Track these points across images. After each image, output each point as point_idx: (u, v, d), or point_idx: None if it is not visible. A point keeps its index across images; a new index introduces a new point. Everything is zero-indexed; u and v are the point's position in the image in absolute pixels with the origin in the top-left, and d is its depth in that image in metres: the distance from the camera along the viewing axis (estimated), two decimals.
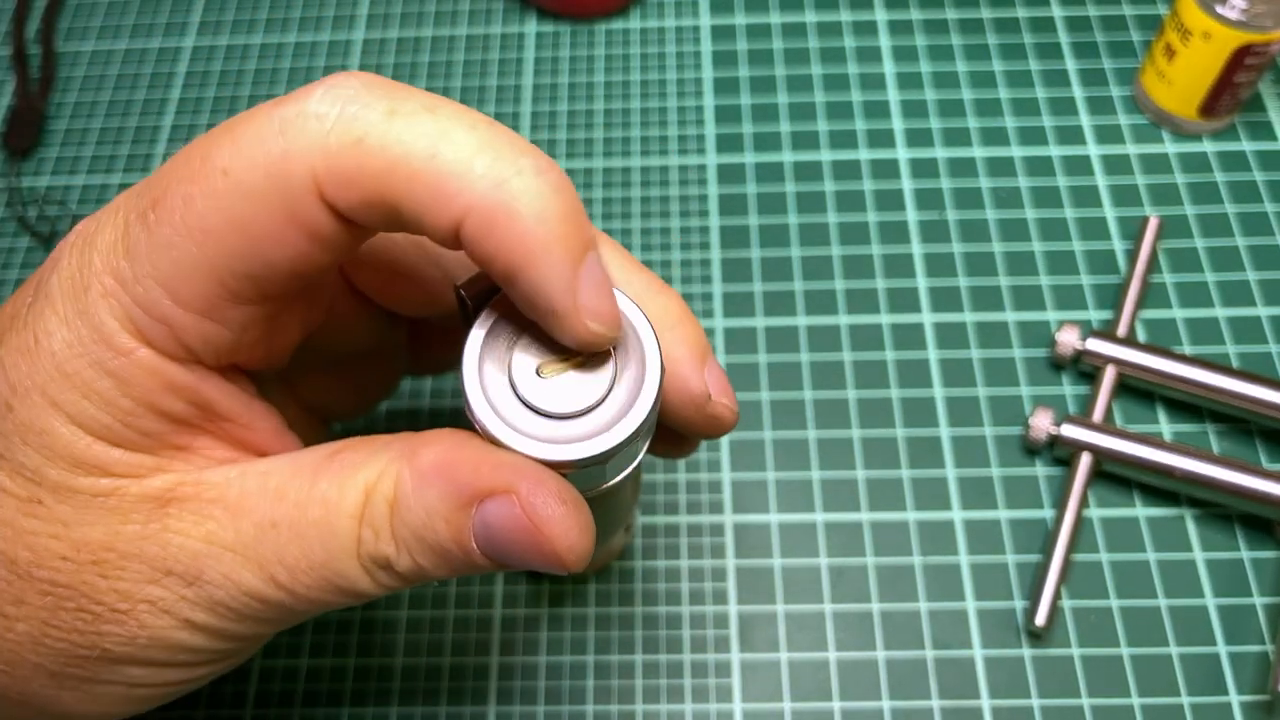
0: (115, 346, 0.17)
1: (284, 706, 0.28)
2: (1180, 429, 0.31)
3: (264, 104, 0.17)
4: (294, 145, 0.16)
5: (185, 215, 0.17)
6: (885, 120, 0.38)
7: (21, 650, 0.19)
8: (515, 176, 0.16)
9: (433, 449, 0.18)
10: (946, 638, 0.28)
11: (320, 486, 0.18)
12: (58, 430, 0.18)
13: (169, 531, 0.18)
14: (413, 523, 0.18)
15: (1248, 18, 0.32)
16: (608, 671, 0.28)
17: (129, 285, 0.17)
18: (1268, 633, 0.28)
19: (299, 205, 0.16)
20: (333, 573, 0.19)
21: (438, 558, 0.18)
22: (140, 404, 0.18)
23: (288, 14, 0.42)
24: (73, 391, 0.18)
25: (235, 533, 0.18)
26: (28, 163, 0.39)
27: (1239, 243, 0.34)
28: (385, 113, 0.16)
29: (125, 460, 0.18)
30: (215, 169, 0.16)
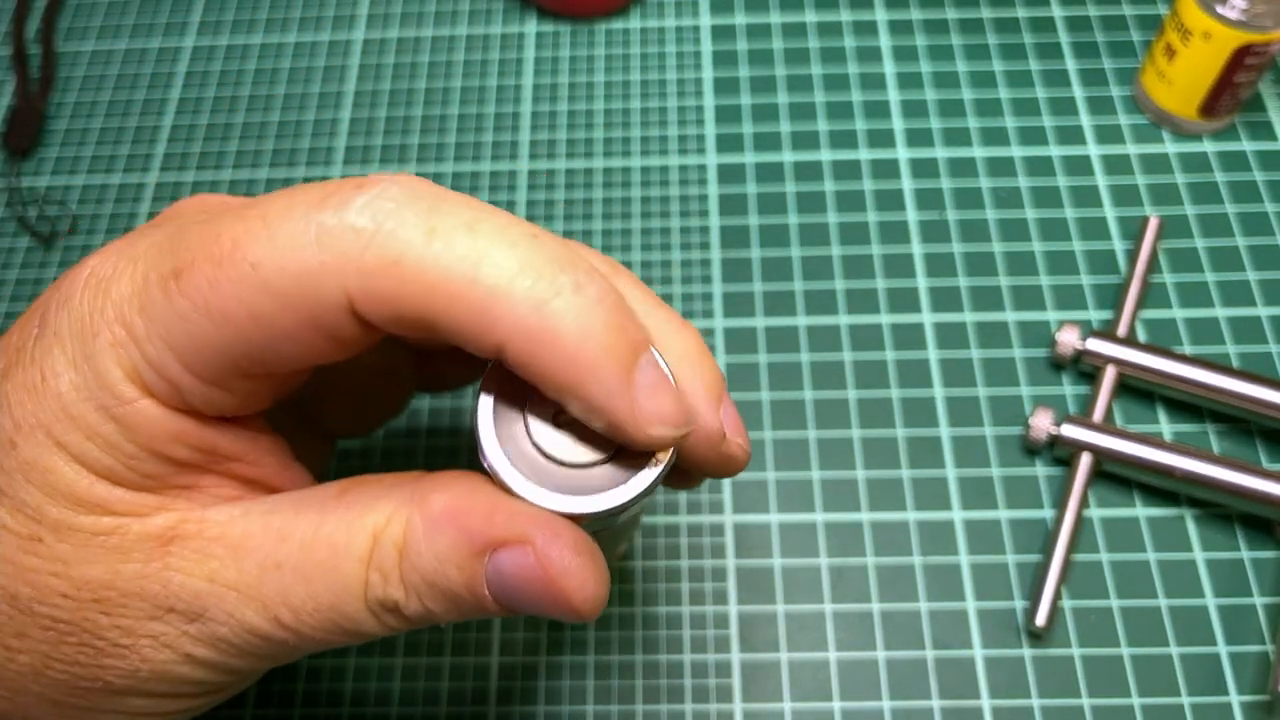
0: (117, 395, 0.17)
1: (284, 707, 0.28)
2: (1180, 429, 0.31)
3: (304, 195, 0.17)
4: (329, 259, 0.16)
5: (209, 297, 0.16)
6: (885, 120, 0.38)
7: (24, 680, 0.19)
8: (555, 298, 0.16)
9: (443, 494, 0.18)
10: (947, 638, 0.28)
11: (326, 529, 0.18)
12: (60, 469, 0.18)
13: (170, 570, 0.18)
14: (423, 569, 0.18)
15: (1248, 17, 0.32)
16: (608, 671, 0.28)
17: (140, 342, 0.17)
18: (1268, 633, 0.28)
19: (326, 315, 0.16)
20: (339, 615, 0.18)
21: (448, 603, 0.18)
22: (144, 449, 0.18)
23: (288, 14, 0.42)
24: (77, 433, 0.17)
25: (238, 572, 0.18)
26: (28, 162, 0.39)
27: (1239, 243, 0.34)
28: (425, 232, 0.16)
29: (127, 499, 0.18)
30: (244, 260, 0.16)
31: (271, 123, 0.40)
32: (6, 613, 0.18)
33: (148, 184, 0.38)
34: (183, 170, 0.39)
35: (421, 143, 0.39)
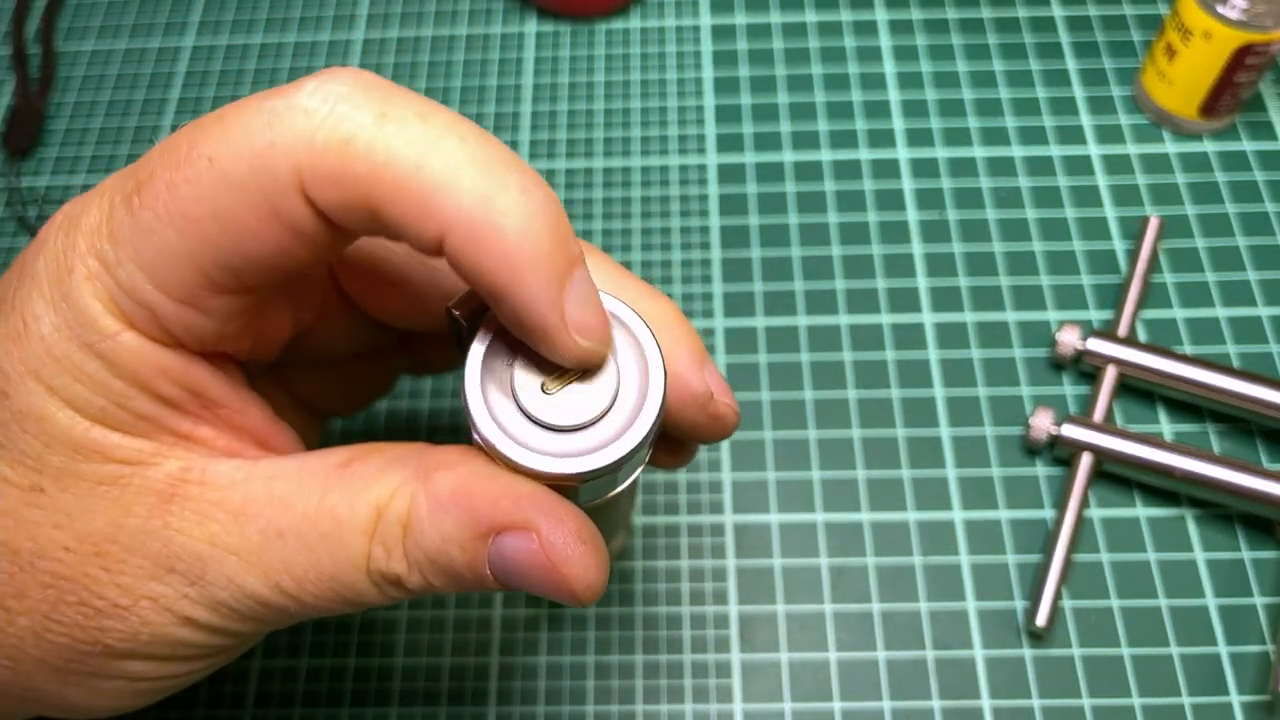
0: (99, 329, 0.17)
1: (284, 706, 0.28)
2: (1181, 429, 0.31)
3: (257, 94, 0.17)
4: (280, 138, 0.16)
5: (168, 202, 0.16)
6: (885, 120, 0.38)
7: (24, 645, 0.19)
8: (502, 193, 0.16)
9: (449, 474, 0.18)
10: (947, 638, 0.28)
11: (330, 499, 0.18)
12: (54, 415, 0.17)
13: (171, 529, 0.18)
14: (427, 546, 0.18)
15: (1248, 17, 0.32)
16: (608, 671, 0.28)
17: (112, 268, 0.17)
18: (1268, 633, 0.28)
19: (281, 199, 0.16)
20: (340, 584, 0.19)
21: (449, 579, 0.18)
22: (131, 385, 0.18)
23: (287, 14, 0.42)
24: (64, 375, 0.17)
25: (240, 538, 0.18)
26: (27, 162, 0.39)
27: (1239, 243, 0.34)
28: (376, 115, 0.16)
29: (125, 445, 0.18)
30: (201, 156, 0.16)
31: None
32: (7, 570, 0.18)
33: None
34: None
35: None
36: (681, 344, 0.19)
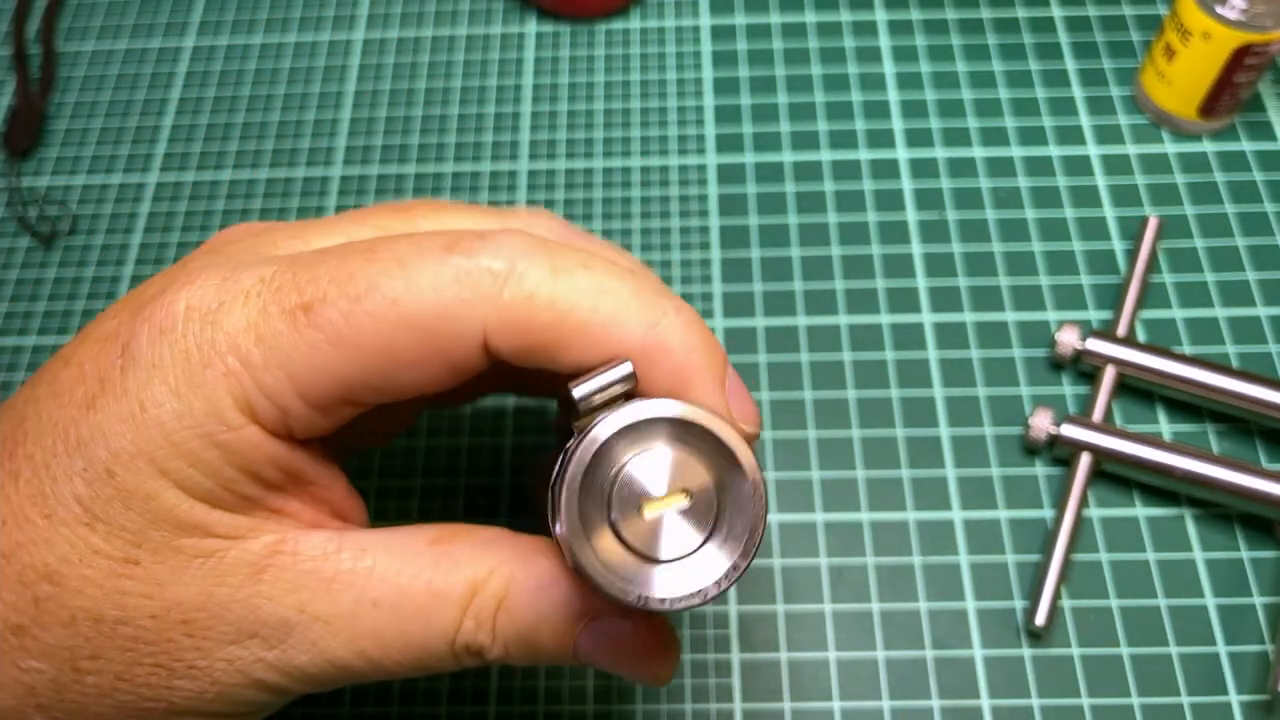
0: (226, 422, 0.18)
1: (283, 706, 0.28)
2: (1180, 429, 0.31)
3: (429, 240, 0.19)
4: (469, 297, 0.18)
5: (342, 329, 0.18)
6: (885, 120, 0.38)
7: (85, 701, 0.19)
8: (663, 318, 0.19)
9: (549, 561, 0.20)
10: (946, 637, 0.28)
11: (425, 575, 0.20)
12: (162, 495, 0.18)
13: (260, 597, 0.19)
14: (520, 624, 0.20)
15: (1247, 18, 0.32)
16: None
17: (255, 371, 0.18)
18: (1267, 632, 0.28)
19: (459, 348, 0.18)
20: (424, 653, 0.20)
21: (530, 653, 0.20)
22: (242, 472, 0.19)
23: (288, 14, 0.42)
24: (178, 460, 0.18)
25: (331, 605, 0.19)
26: (28, 162, 0.39)
27: (1239, 243, 0.34)
28: (550, 270, 0.18)
29: (225, 521, 0.19)
30: (384, 298, 0.18)
31: (271, 123, 0.40)
32: (86, 635, 0.19)
33: (148, 184, 0.38)
34: (183, 170, 0.39)
35: (421, 143, 0.39)
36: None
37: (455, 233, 0.19)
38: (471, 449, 0.32)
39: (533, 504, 0.24)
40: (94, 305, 0.36)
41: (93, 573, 0.19)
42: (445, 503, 0.31)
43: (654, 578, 0.17)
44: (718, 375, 0.19)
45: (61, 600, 0.19)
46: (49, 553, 0.19)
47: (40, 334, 0.35)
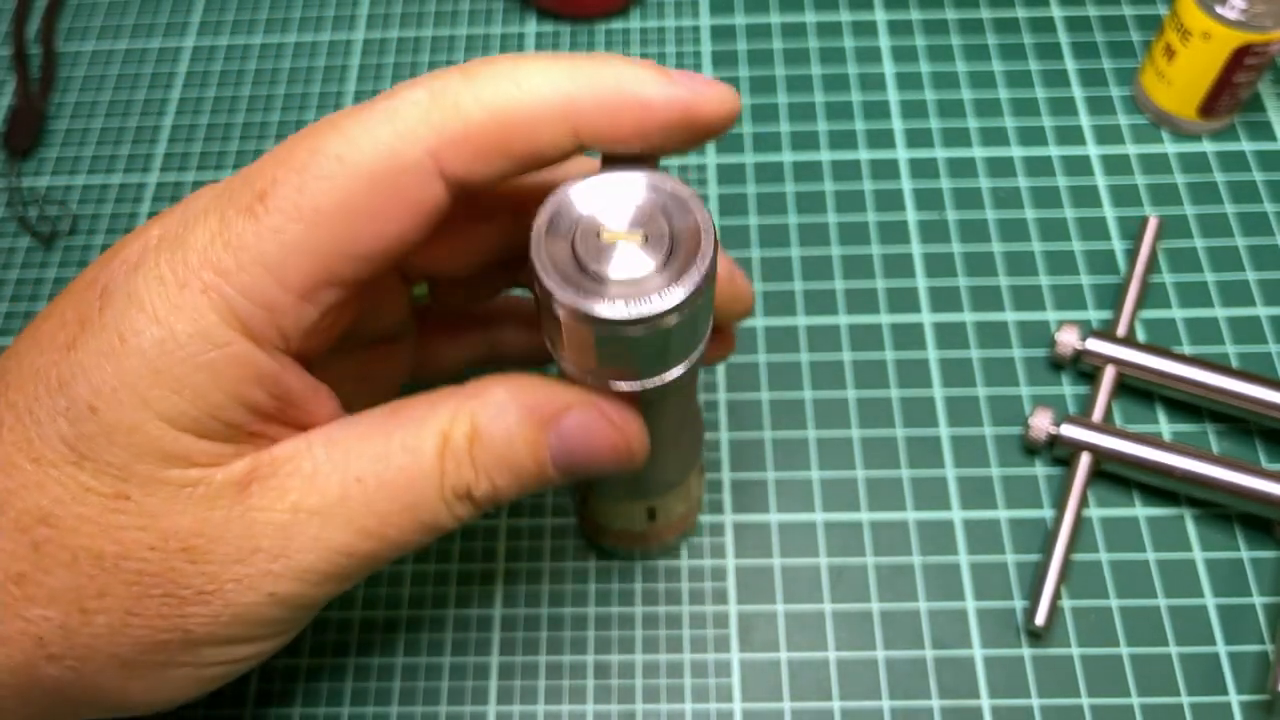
0: (213, 339, 0.18)
1: (284, 706, 0.28)
2: (1180, 429, 0.31)
3: (353, 107, 0.19)
4: (404, 128, 0.18)
5: (298, 201, 0.18)
6: (885, 120, 0.38)
7: (97, 643, 0.19)
8: (604, 68, 0.19)
9: (503, 386, 0.20)
10: (946, 637, 0.28)
11: (397, 438, 0.20)
12: (147, 427, 0.18)
13: (253, 510, 0.19)
14: (493, 447, 0.20)
15: (1247, 18, 0.32)
16: (608, 671, 0.28)
17: (232, 276, 0.18)
18: (1267, 632, 0.28)
19: (412, 181, 0.18)
20: (419, 511, 0.20)
21: (513, 477, 0.21)
22: (229, 396, 0.19)
23: (288, 14, 0.42)
24: (163, 388, 0.18)
25: (320, 496, 0.20)
26: (28, 162, 0.39)
27: (1238, 243, 0.34)
28: (464, 76, 0.19)
29: (209, 450, 0.19)
30: (329, 156, 0.18)
31: (272, 123, 0.40)
32: (89, 573, 0.19)
33: (148, 184, 0.38)
34: (183, 170, 0.39)
35: None
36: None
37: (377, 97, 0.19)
38: None
39: None
40: None
41: (87, 510, 0.19)
42: None
43: (606, 293, 0.18)
44: (665, 75, 0.19)
45: (61, 541, 0.19)
46: (41, 496, 0.19)
47: None
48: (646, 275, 0.18)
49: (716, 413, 0.32)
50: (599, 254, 0.18)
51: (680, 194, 0.19)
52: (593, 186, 0.19)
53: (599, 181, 0.19)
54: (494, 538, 0.30)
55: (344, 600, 0.30)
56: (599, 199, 0.19)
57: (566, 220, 0.19)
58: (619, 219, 0.19)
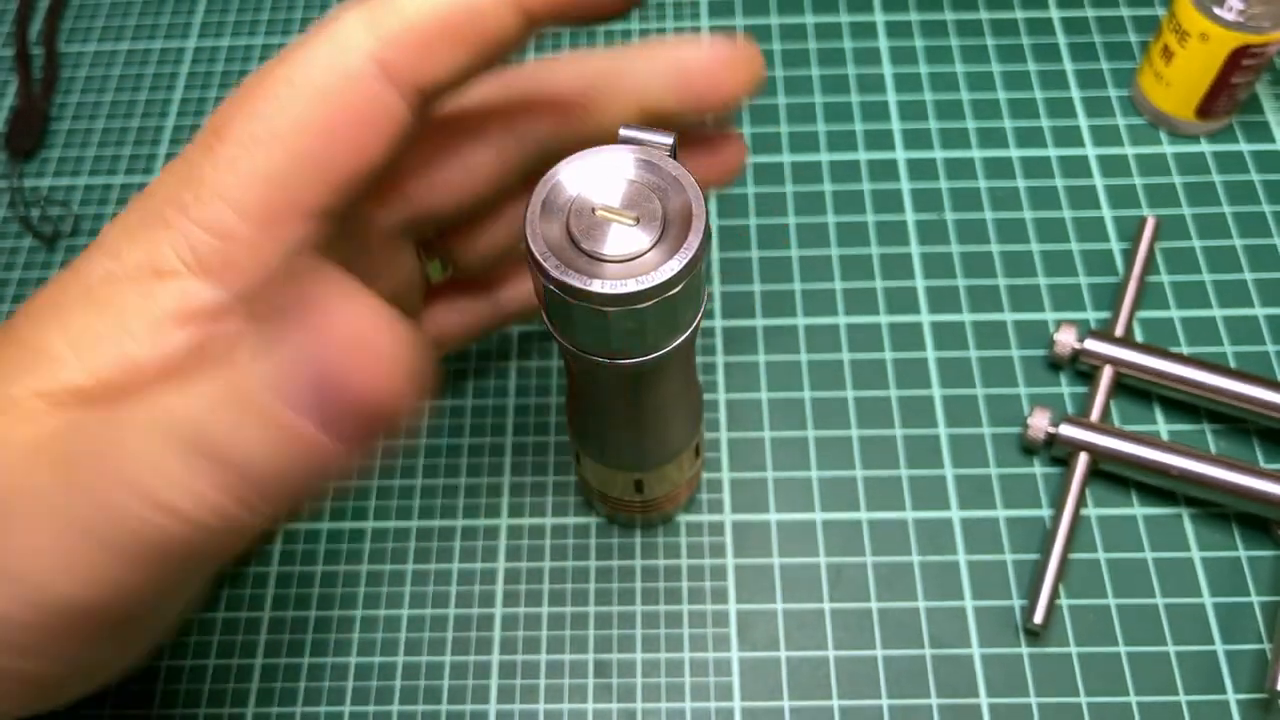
0: (158, 267, 0.18)
1: (285, 705, 0.28)
2: (1178, 428, 0.31)
3: (304, 36, 0.19)
4: (342, 41, 0.18)
5: (251, 128, 0.18)
6: (884, 121, 0.38)
7: None
8: None
9: None
10: (945, 636, 0.29)
11: None
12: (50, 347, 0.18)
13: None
14: None
15: (1245, 19, 0.32)
16: (608, 670, 0.29)
17: (190, 209, 0.18)
18: (1265, 631, 0.28)
19: (360, 88, 0.18)
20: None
21: None
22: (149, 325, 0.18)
23: (289, 15, 0.43)
24: (86, 307, 0.18)
25: None
26: (30, 164, 0.39)
27: (1236, 243, 0.34)
28: None
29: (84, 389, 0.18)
30: (277, 81, 0.18)
31: None
32: None
33: None
34: None
35: None
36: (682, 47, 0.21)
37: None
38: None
39: None
40: None
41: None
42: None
43: (601, 272, 0.18)
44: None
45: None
46: None
47: None
48: (641, 251, 0.18)
49: (717, 412, 0.32)
50: (593, 232, 0.18)
51: (672, 171, 0.19)
52: (584, 166, 0.19)
53: (590, 160, 0.19)
54: (495, 536, 0.31)
55: (345, 599, 0.30)
56: (591, 178, 0.19)
57: (560, 200, 0.19)
58: (612, 197, 0.19)
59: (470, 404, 0.33)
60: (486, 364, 0.34)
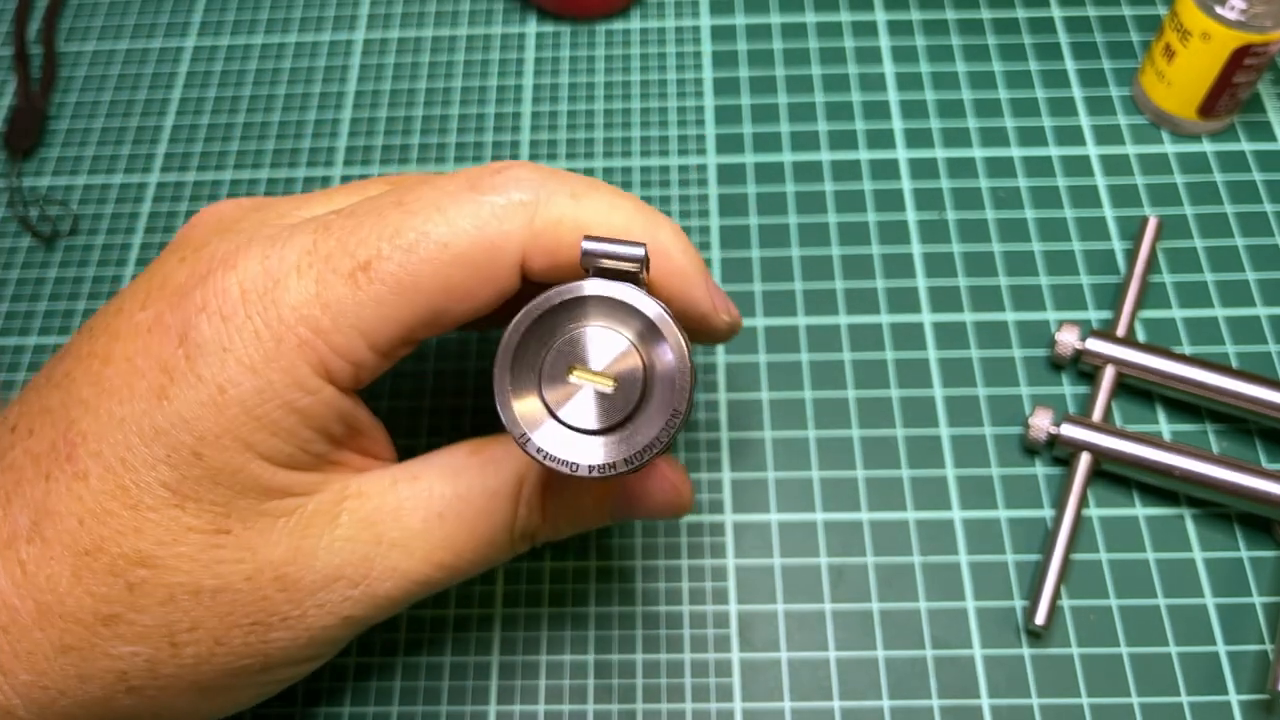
0: (306, 389, 0.20)
1: (284, 706, 0.28)
2: (1179, 429, 0.31)
3: (452, 183, 0.21)
4: (510, 228, 0.20)
5: (400, 277, 0.20)
6: (885, 120, 0.38)
7: (182, 673, 0.21)
8: (660, 230, 0.22)
9: None
10: (946, 637, 0.28)
11: (477, 482, 0.22)
12: (250, 468, 0.20)
13: (340, 539, 0.21)
14: (565, 496, 0.23)
15: (1247, 18, 0.32)
16: (608, 670, 0.28)
17: (327, 335, 0.20)
18: (1267, 632, 0.28)
19: (502, 273, 0.21)
20: (491, 548, 0.23)
21: (576, 523, 0.24)
22: (317, 432, 0.21)
23: (288, 14, 0.42)
24: (262, 432, 0.20)
25: (403, 530, 0.22)
26: (29, 163, 0.39)
27: (1238, 243, 0.34)
28: (570, 195, 0.21)
29: (301, 481, 0.21)
30: (435, 244, 0.20)
31: (272, 123, 0.40)
32: (185, 608, 0.20)
33: (149, 184, 0.38)
34: (184, 171, 0.39)
35: (422, 143, 0.39)
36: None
37: (470, 172, 0.21)
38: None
39: None
40: (95, 305, 0.36)
41: (188, 549, 0.20)
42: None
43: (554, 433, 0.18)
44: (706, 277, 0.23)
45: (158, 580, 0.20)
46: (140, 540, 0.20)
47: (41, 334, 0.35)
48: (623, 419, 0.18)
49: (717, 412, 0.32)
50: (571, 401, 0.18)
51: (648, 313, 0.18)
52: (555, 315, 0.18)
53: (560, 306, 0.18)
54: None
55: None
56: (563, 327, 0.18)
57: (529, 356, 0.18)
58: (585, 352, 0.18)
59: (470, 404, 0.33)
60: (487, 363, 0.34)
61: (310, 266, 0.20)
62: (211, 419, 0.20)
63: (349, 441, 0.22)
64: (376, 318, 0.20)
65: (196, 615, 0.20)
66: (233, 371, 0.20)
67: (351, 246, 0.20)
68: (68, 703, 0.20)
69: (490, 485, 0.22)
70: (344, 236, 0.20)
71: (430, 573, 0.22)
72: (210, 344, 0.20)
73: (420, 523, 0.22)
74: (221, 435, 0.20)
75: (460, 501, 0.22)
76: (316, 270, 0.20)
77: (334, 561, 0.21)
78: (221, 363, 0.20)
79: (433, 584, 0.22)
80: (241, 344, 0.20)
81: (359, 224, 0.20)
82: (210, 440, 0.20)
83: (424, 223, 0.20)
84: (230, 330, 0.20)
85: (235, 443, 0.20)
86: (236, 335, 0.20)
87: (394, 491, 0.22)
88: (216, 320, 0.20)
